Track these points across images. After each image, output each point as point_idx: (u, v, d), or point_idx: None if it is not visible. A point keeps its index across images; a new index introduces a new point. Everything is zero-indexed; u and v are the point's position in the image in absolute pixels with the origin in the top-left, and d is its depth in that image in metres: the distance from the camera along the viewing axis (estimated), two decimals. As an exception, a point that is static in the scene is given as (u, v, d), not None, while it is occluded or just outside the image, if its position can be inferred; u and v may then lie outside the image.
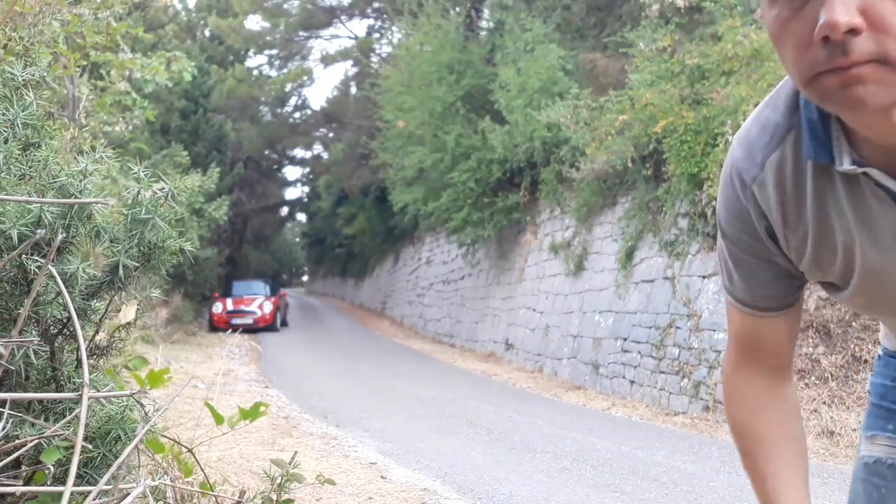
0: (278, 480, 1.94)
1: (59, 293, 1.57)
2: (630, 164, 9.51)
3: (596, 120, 10.49)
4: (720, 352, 7.70)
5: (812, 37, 0.74)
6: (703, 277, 8.26)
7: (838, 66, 0.74)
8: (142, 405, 1.69)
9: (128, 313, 1.85)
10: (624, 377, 9.29)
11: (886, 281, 0.95)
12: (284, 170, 36.73)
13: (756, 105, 7.43)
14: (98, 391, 1.58)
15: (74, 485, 1.18)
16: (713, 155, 7.88)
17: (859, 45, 0.72)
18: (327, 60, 30.10)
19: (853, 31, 0.72)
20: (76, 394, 1.40)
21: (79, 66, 5.27)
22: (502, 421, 7.69)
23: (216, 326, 18.12)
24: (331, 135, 31.62)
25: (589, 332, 10.43)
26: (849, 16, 0.71)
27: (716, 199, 7.84)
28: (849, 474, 1.28)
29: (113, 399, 1.58)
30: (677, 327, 8.42)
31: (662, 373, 8.49)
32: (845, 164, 0.88)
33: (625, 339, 9.42)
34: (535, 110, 12.01)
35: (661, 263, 9.05)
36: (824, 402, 6.41)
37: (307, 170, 36.19)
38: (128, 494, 1.27)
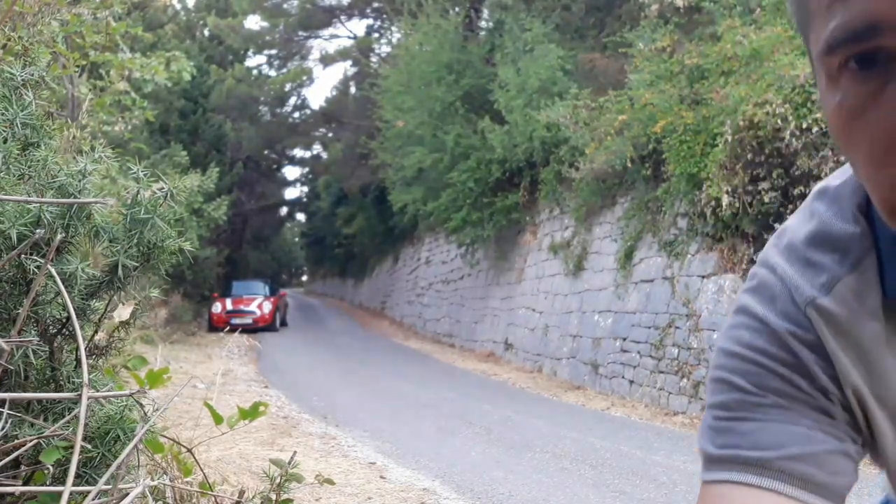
0: (277, 480, 1.94)
1: (58, 293, 1.57)
2: (629, 164, 9.51)
3: (595, 120, 10.50)
4: (719, 352, 7.70)
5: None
6: (703, 277, 8.27)
7: None
8: (141, 405, 1.69)
9: (123, 312, 1.86)
10: (623, 377, 9.30)
11: None
12: (284, 170, 36.77)
13: (756, 105, 7.43)
14: (97, 391, 1.58)
15: (74, 485, 1.18)
16: (712, 155, 7.88)
17: None
18: (326, 60, 30.11)
19: None
20: (75, 394, 1.40)
21: (78, 66, 5.27)
22: (501, 421, 7.69)
23: (215, 326, 18.11)
24: (330, 135, 31.62)
25: (588, 332, 10.44)
26: None
27: (715, 199, 7.88)
28: None
29: (112, 399, 1.58)
30: (676, 327, 8.42)
31: (662, 373, 8.50)
32: None
33: (624, 339, 9.42)
34: (535, 110, 12.01)
35: (661, 263, 9.05)
36: None
37: (306, 170, 36.21)
38: (127, 494, 1.27)
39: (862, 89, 0.51)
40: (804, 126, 6.97)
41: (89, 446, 1.54)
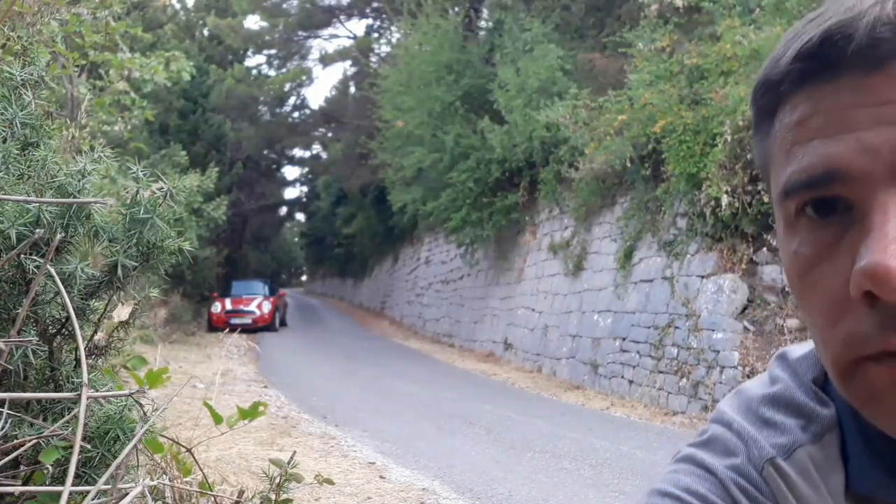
0: (277, 480, 1.94)
1: (57, 293, 1.57)
2: (629, 164, 9.51)
3: (595, 120, 10.50)
4: (719, 352, 7.70)
5: (849, 292, 0.46)
6: (702, 277, 8.27)
7: (892, 349, 0.45)
8: (140, 405, 1.69)
9: (122, 312, 1.85)
10: (623, 377, 9.30)
11: None
12: (283, 169, 36.77)
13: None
14: (97, 391, 1.58)
15: (73, 484, 1.18)
16: (712, 155, 7.88)
17: None
18: (326, 60, 30.11)
19: None
20: (75, 394, 1.39)
21: (77, 66, 5.27)
22: (501, 421, 7.69)
23: (215, 326, 18.11)
24: (330, 134, 31.63)
25: (588, 331, 10.44)
26: None
27: (714, 199, 7.89)
28: None
29: (111, 399, 1.58)
30: (676, 327, 8.42)
31: (661, 372, 8.50)
32: None
33: (623, 339, 9.42)
34: (534, 110, 12.02)
35: (660, 263, 9.05)
36: None
37: (306, 169, 36.21)
38: (126, 494, 1.27)
39: (818, 238, 0.48)
40: (804, 126, 6.97)
41: (89, 446, 1.54)
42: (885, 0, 0.46)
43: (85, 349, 1.48)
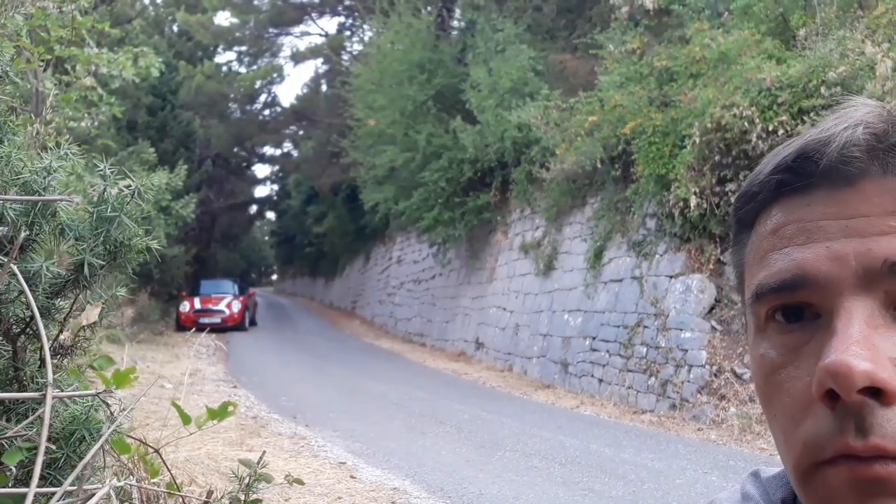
0: (246, 480, 1.93)
1: (21, 292, 1.54)
2: (599, 165, 9.59)
3: (566, 121, 10.57)
4: (687, 351, 7.80)
5: (812, 394, 0.46)
6: (671, 277, 8.37)
7: (849, 451, 0.44)
8: (107, 405, 1.67)
9: (91, 315, 1.83)
10: (592, 376, 9.38)
11: None
12: (254, 167, 36.45)
13: (723, 107, 7.53)
14: (62, 391, 1.56)
15: (38, 486, 1.16)
16: (681, 156, 7.98)
17: (890, 423, 0.44)
18: (298, 58, 29.92)
19: (877, 394, 0.44)
20: (39, 394, 1.37)
21: (43, 61, 5.18)
22: (472, 420, 7.71)
23: (183, 326, 17.90)
24: (301, 132, 31.42)
25: (558, 331, 10.51)
26: (871, 362, 0.44)
27: (683, 200, 7.98)
28: None
29: (77, 399, 1.56)
30: (645, 326, 8.52)
31: (630, 371, 8.59)
32: None
33: (593, 338, 9.50)
34: (506, 110, 12.07)
35: (629, 263, 9.15)
36: None
37: (277, 168, 35.94)
38: (93, 495, 1.26)
39: (785, 342, 0.49)
40: (770, 128, 7.09)
41: (54, 447, 1.52)
42: (857, 126, 0.49)
43: (50, 349, 1.46)
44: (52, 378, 1.28)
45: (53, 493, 1.27)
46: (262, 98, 31.69)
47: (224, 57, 29.85)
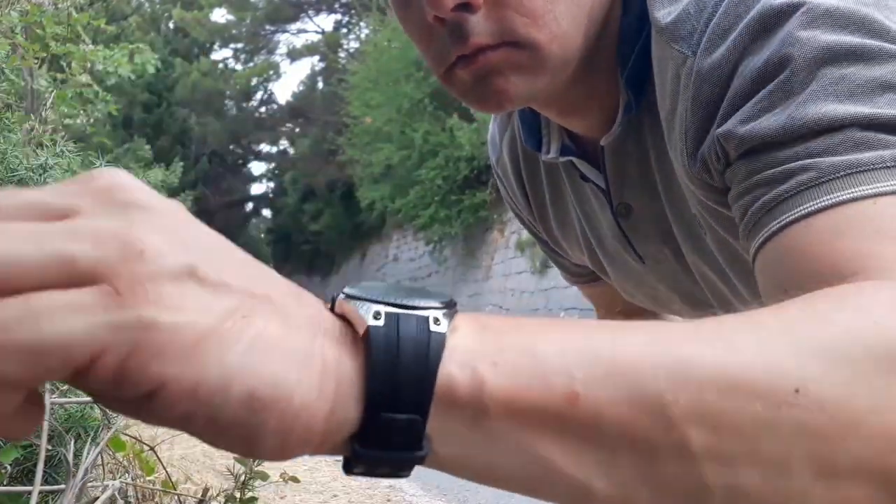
0: (242, 478, 1.93)
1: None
2: (596, 163, 9.60)
3: (562, 119, 10.59)
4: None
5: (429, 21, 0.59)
6: (667, 276, 8.39)
7: (461, 53, 0.58)
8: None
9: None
10: (588, 374, 9.40)
11: (633, 278, 0.81)
12: (250, 165, 36.33)
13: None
14: (58, 389, 1.56)
15: (33, 484, 1.16)
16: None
17: (479, 24, 0.57)
18: (294, 55, 29.88)
19: (466, 7, 0.56)
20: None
21: (38, 58, 5.17)
22: (468, 418, 7.72)
23: (179, 323, 17.85)
24: (297, 130, 31.38)
25: (554, 329, 10.53)
26: None
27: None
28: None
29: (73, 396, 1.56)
30: (641, 325, 8.54)
31: (626, 370, 8.61)
32: (551, 153, 0.73)
33: (589, 337, 9.52)
34: (503, 108, 12.07)
35: (626, 262, 9.17)
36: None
37: (273, 165, 35.86)
38: (97, 498, 1.26)
39: None
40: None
41: (49, 446, 1.52)
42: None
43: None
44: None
45: (53, 492, 1.27)
46: (259, 95, 31.65)
47: (220, 54, 29.94)
